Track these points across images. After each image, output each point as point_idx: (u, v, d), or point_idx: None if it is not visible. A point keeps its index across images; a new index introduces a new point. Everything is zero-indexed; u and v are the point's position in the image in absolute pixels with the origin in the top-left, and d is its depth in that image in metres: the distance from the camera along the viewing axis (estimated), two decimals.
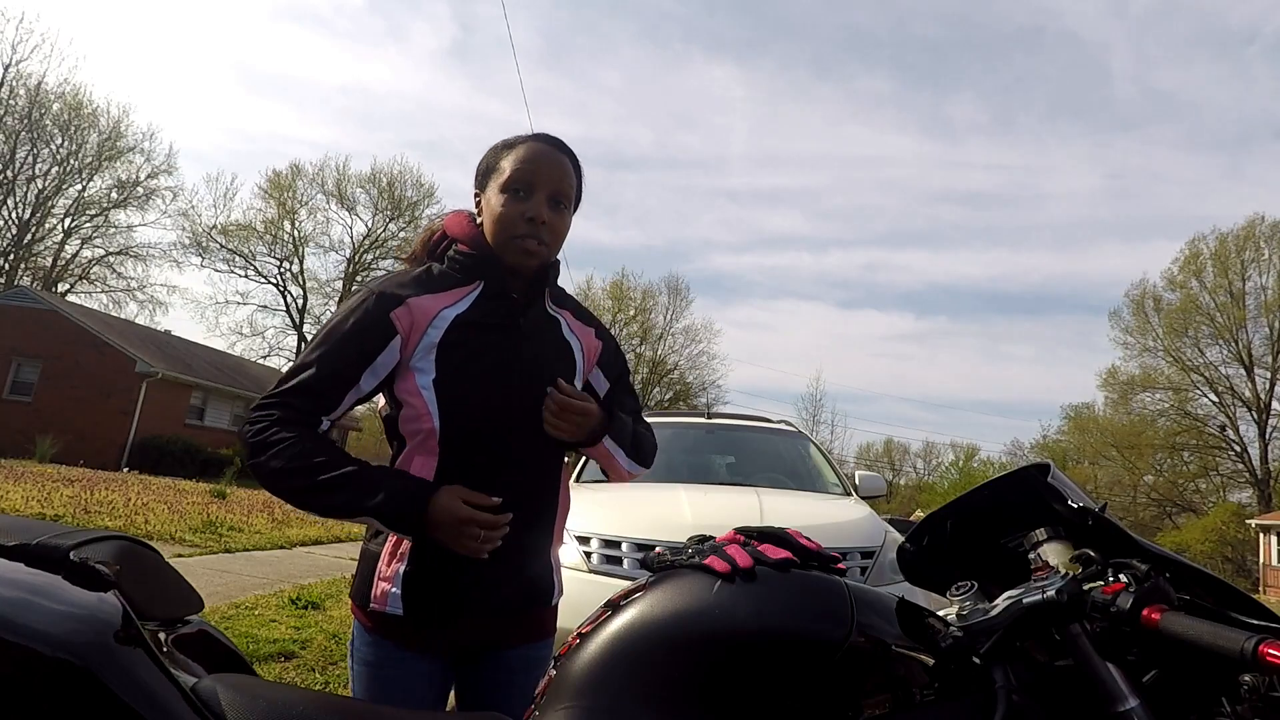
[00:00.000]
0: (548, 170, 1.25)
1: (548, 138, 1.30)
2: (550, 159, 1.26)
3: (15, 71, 28.98)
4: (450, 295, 1.24)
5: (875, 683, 0.83)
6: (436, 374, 1.19)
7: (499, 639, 1.24)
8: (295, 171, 36.60)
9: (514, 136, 1.31)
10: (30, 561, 0.84)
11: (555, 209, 1.26)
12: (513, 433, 1.23)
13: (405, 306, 1.20)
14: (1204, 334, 34.96)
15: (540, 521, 1.27)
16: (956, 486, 35.92)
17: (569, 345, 1.34)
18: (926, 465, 56.16)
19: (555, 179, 1.26)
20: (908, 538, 1.15)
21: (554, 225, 1.26)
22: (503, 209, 1.24)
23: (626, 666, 0.82)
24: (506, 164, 1.25)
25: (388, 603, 1.18)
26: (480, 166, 1.32)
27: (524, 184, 1.24)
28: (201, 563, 6.52)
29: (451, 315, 1.22)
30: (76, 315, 20.77)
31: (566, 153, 1.30)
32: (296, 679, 3.65)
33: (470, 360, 1.21)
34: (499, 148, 1.30)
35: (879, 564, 3.28)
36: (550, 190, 1.25)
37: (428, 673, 1.21)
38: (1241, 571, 28.07)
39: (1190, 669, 0.82)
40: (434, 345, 1.20)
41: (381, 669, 1.21)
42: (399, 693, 1.19)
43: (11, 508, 7.88)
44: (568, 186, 1.28)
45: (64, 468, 14.65)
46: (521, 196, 1.24)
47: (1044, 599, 0.82)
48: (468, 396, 1.20)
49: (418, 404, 1.20)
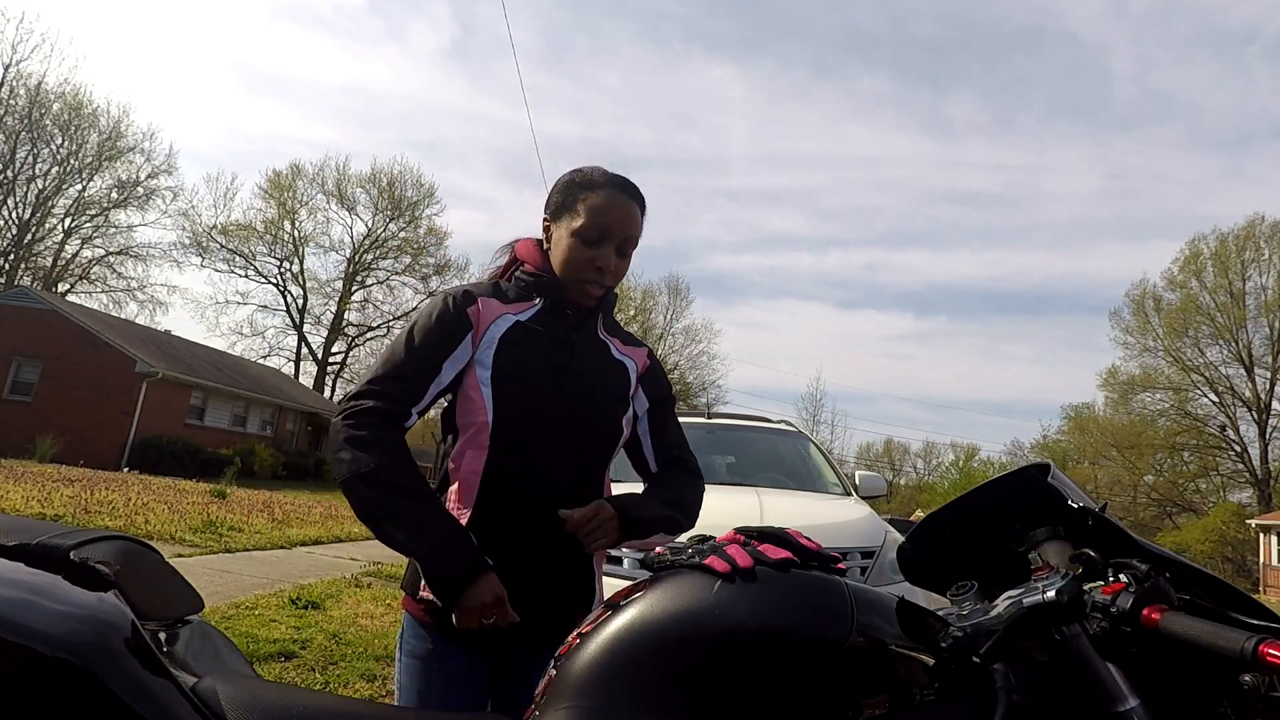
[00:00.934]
0: (620, 221, 1.32)
1: (623, 185, 1.35)
2: (623, 210, 1.33)
3: (15, 71, 29.04)
4: (513, 306, 1.34)
5: (875, 683, 0.83)
6: (494, 370, 1.26)
7: (539, 641, 1.24)
8: (295, 171, 36.67)
9: (590, 174, 1.35)
10: (30, 561, 0.85)
11: (621, 255, 1.34)
12: (560, 435, 1.27)
13: (477, 305, 1.30)
14: (1204, 334, 34.99)
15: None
16: (956, 486, 35.91)
17: (622, 364, 1.41)
18: (926, 465, 56.20)
19: (625, 229, 1.33)
20: (908, 538, 1.15)
21: (618, 270, 1.35)
22: (572, 253, 1.31)
23: (626, 666, 0.82)
24: (582, 210, 1.31)
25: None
26: (554, 198, 1.37)
27: (596, 234, 1.30)
28: (201, 563, 6.52)
29: (513, 320, 1.32)
30: (76, 315, 20.76)
31: (638, 199, 1.36)
32: (296, 679, 3.65)
33: (525, 361, 1.28)
34: (576, 186, 1.35)
35: (879, 564, 3.28)
36: (619, 241, 1.33)
37: (471, 670, 1.25)
38: (1241, 571, 28.07)
39: (1190, 669, 0.82)
40: (494, 342, 1.28)
41: (427, 662, 1.25)
42: (441, 687, 1.24)
43: (11, 508, 7.88)
44: (635, 233, 1.35)
45: (64, 468, 14.66)
46: (592, 244, 1.31)
47: (1044, 599, 0.82)
48: (521, 394, 1.26)
49: (475, 397, 1.26)
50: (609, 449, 1.34)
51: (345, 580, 6.50)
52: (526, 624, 1.20)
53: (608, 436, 1.34)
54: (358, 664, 3.96)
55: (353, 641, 4.37)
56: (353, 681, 3.71)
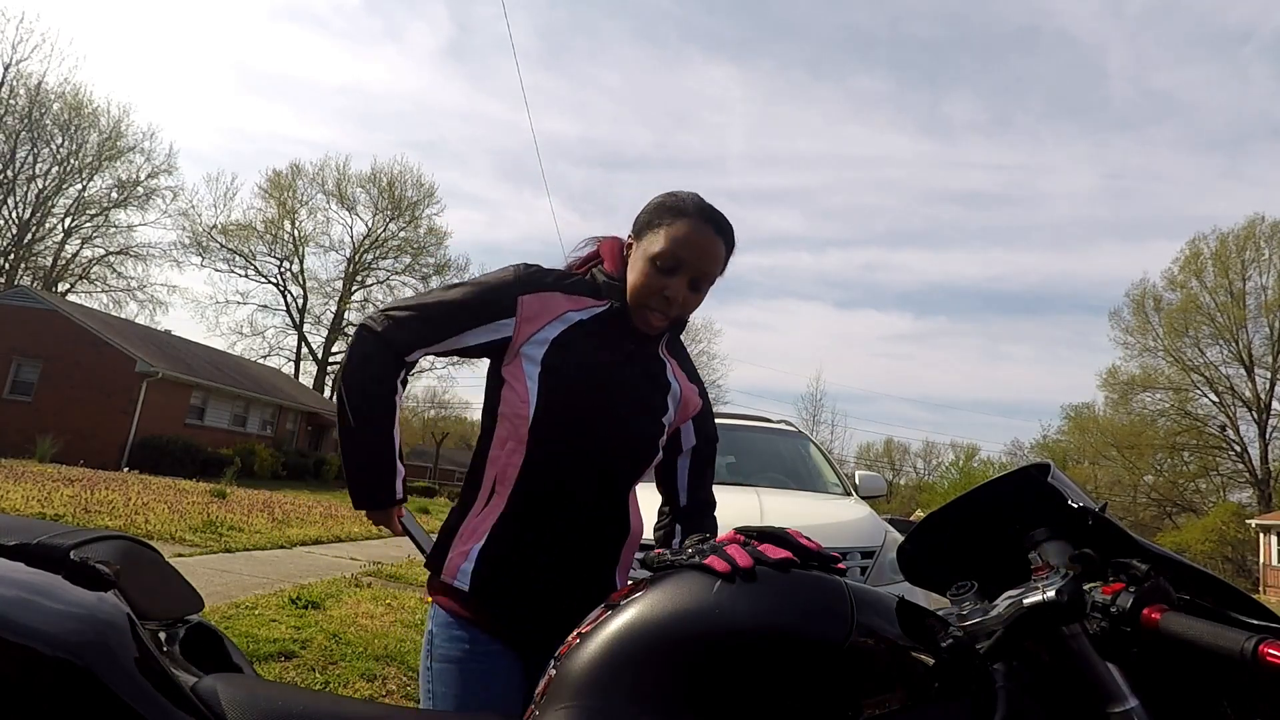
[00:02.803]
0: (698, 255, 1.27)
1: (710, 216, 1.29)
2: (704, 245, 1.27)
3: (15, 71, 29.03)
4: (580, 301, 1.32)
5: (876, 683, 0.83)
6: (544, 365, 1.26)
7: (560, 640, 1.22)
8: (295, 171, 36.68)
9: (682, 200, 1.30)
10: (31, 561, 0.85)
11: (694, 290, 1.30)
12: (599, 442, 1.27)
13: (538, 296, 1.29)
14: (1204, 334, 35.00)
15: (604, 537, 1.31)
16: (956, 486, 35.90)
17: (669, 386, 1.38)
18: (926, 465, 56.24)
19: (703, 264, 1.28)
20: (908, 538, 1.15)
21: (687, 303, 1.30)
22: (645, 278, 1.28)
23: (626, 666, 0.82)
24: (662, 236, 1.27)
25: (456, 576, 1.23)
26: (642, 216, 1.33)
27: (672, 264, 1.26)
28: (201, 562, 6.52)
29: (575, 318, 1.30)
30: (76, 315, 20.75)
31: (724, 234, 1.30)
32: (296, 679, 3.65)
33: (578, 362, 1.27)
34: (664, 210, 1.30)
35: (879, 564, 3.28)
36: (694, 274, 1.28)
37: (509, 668, 1.22)
38: (1241, 571, 28.07)
39: (1190, 669, 0.82)
40: (548, 340, 1.27)
41: (464, 664, 1.22)
42: (481, 689, 1.20)
43: (11, 507, 7.88)
44: (713, 270, 1.30)
45: (64, 467, 14.65)
46: (665, 273, 1.27)
47: (1044, 599, 0.82)
48: (566, 393, 1.25)
49: (520, 389, 1.26)
50: (643, 465, 1.34)
51: (345, 580, 6.50)
52: (555, 623, 1.17)
53: (645, 454, 1.33)
54: (358, 664, 3.96)
55: (353, 641, 4.37)
56: (353, 681, 3.71)
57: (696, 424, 1.47)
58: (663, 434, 1.36)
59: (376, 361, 1.26)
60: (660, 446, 1.36)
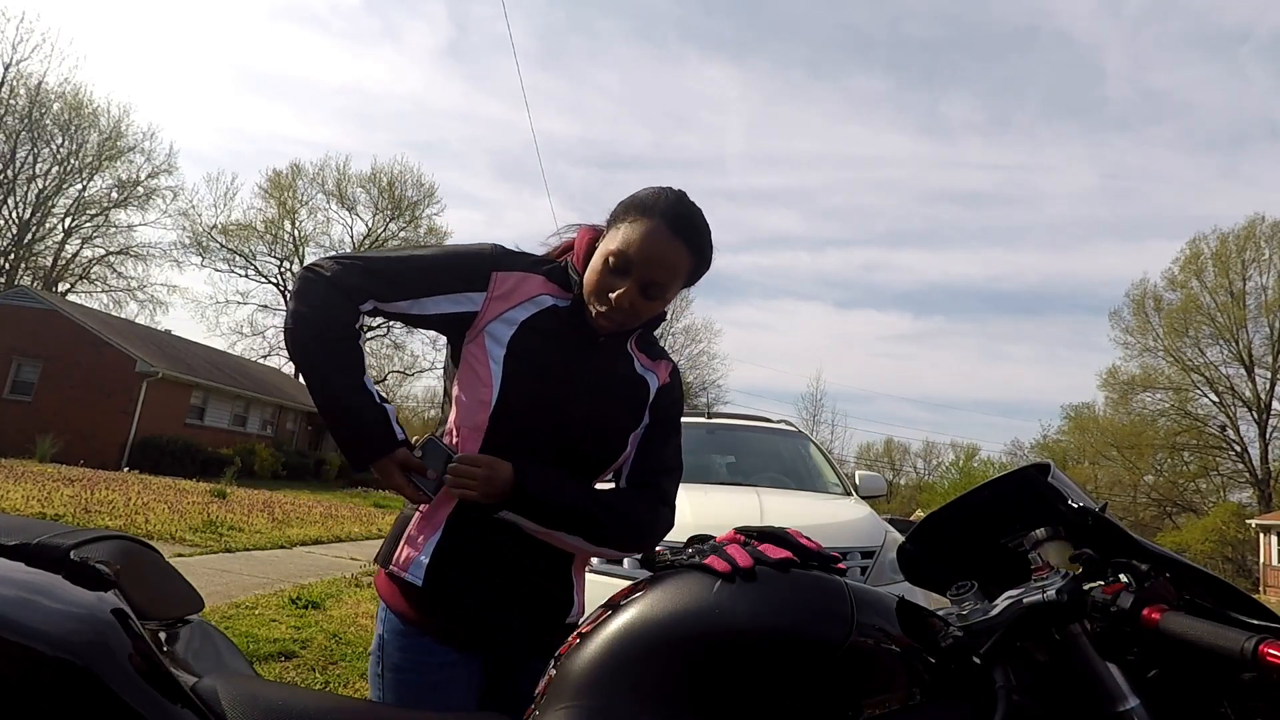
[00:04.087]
0: (650, 262, 1.17)
1: (679, 224, 1.18)
2: (660, 252, 1.17)
3: (15, 71, 28.98)
4: (553, 288, 1.26)
5: (875, 683, 0.83)
6: (508, 350, 1.20)
7: (527, 641, 1.20)
8: (295, 171, 36.64)
9: (654, 197, 1.21)
10: (31, 561, 0.85)
11: (645, 297, 1.19)
12: (561, 437, 1.21)
13: (513, 275, 1.23)
14: (1204, 334, 34.96)
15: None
16: (956, 486, 35.90)
17: (643, 380, 1.32)
18: (926, 465, 56.18)
19: (653, 272, 1.17)
20: (908, 538, 1.15)
21: (636, 308, 1.19)
22: (595, 275, 1.20)
23: (626, 666, 0.82)
24: (621, 234, 1.18)
25: (408, 569, 1.18)
26: (616, 207, 1.25)
27: (622, 265, 1.17)
28: (202, 562, 6.52)
29: (548, 303, 1.24)
30: (77, 315, 20.75)
31: (690, 244, 1.20)
32: (296, 679, 3.65)
33: (544, 350, 1.21)
34: (633, 205, 1.21)
35: (879, 564, 3.28)
36: (646, 280, 1.18)
37: (466, 679, 1.17)
38: (1241, 571, 28.06)
39: (1190, 669, 0.82)
40: (517, 323, 1.21)
41: (416, 675, 1.16)
42: (432, 702, 1.15)
43: (12, 507, 7.88)
44: (666, 280, 1.19)
45: (64, 467, 14.65)
46: (615, 273, 1.18)
47: (1044, 599, 0.82)
48: (529, 382, 1.19)
49: (482, 373, 1.20)
50: (608, 462, 1.27)
51: (345, 580, 6.50)
52: (511, 623, 1.18)
53: (610, 450, 1.27)
54: (358, 664, 3.96)
55: (353, 641, 4.37)
56: (353, 681, 3.71)
57: (655, 399, 1.33)
58: (636, 427, 1.29)
59: (334, 304, 1.15)
60: (630, 441, 1.28)
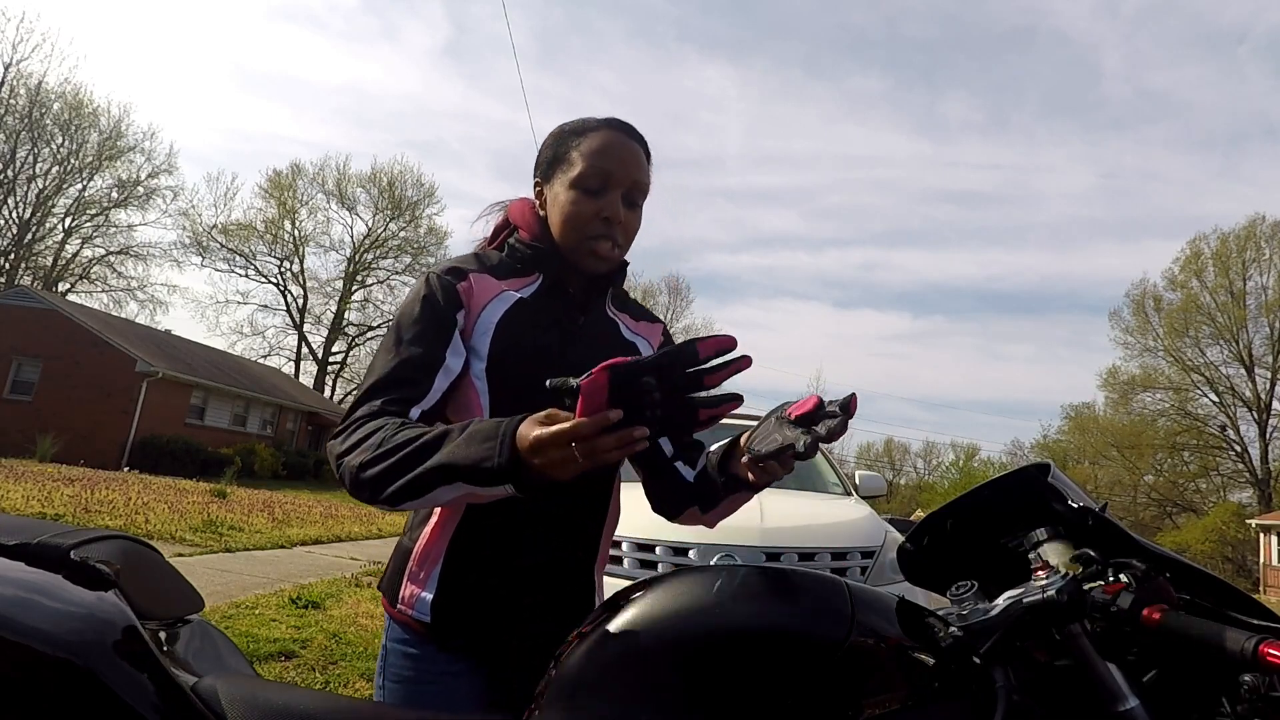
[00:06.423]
0: (624, 164, 1.12)
1: (620, 124, 1.16)
2: (626, 150, 1.13)
3: (16, 71, 29.02)
4: (512, 281, 1.16)
5: (875, 683, 0.83)
6: (489, 360, 1.09)
7: (531, 655, 1.11)
8: (295, 171, 36.71)
9: (581, 121, 1.17)
10: (31, 561, 0.85)
11: (630, 205, 1.14)
12: None
13: (468, 280, 1.12)
14: (1204, 334, 34.99)
15: (582, 535, 1.17)
16: (956, 486, 35.92)
17: (633, 345, 1.23)
18: (926, 465, 56.20)
19: (631, 173, 1.13)
20: (908, 538, 1.15)
21: (628, 224, 1.14)
22: (574, 207, 1.12)
23: (626, 666, 0.82)
24: (577, 156, 1.12)
25: (414, 607, 1.08)
26: (544, 154, 1.19)
27: (598, 180, 1.11)
28: (202, 562, 6.52)
29: (514, 297, 1.14)
30: (77, 315, 20.75)
31: (638, 139, 1.16)
32: (296, 679, 3.65)
33: (524, 347, 1.10)
34: (565, 134, 1.16)
35: (879, 564, 3.28)
36: (626, 186, 1.13)
37: (468, 689, 1.09)
38: (1241, 571, 28.07)
39: (1190, 669, 0.82)
40: (493, 324, 1.10)
41: (418, 686, 1.09)
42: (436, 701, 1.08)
43: (12, 507, 7.88)
44: (643, 179, 1.15)
45: (64, 467, 14.65)
46: (595, 194, 1.11)
47: (1044, 599, 0.82)
48: (517, 386, 1.08)
49: (470, 394, 1.09)
50: None
51: (345, 580, 6.50)
52: (524, 633, 1.11)
53: None
54: (358, 664, 3.96)
55: (353, 641, 4.37)
56: (353, 681, 3.71)
57: None
58: None
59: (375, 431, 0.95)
60: None
